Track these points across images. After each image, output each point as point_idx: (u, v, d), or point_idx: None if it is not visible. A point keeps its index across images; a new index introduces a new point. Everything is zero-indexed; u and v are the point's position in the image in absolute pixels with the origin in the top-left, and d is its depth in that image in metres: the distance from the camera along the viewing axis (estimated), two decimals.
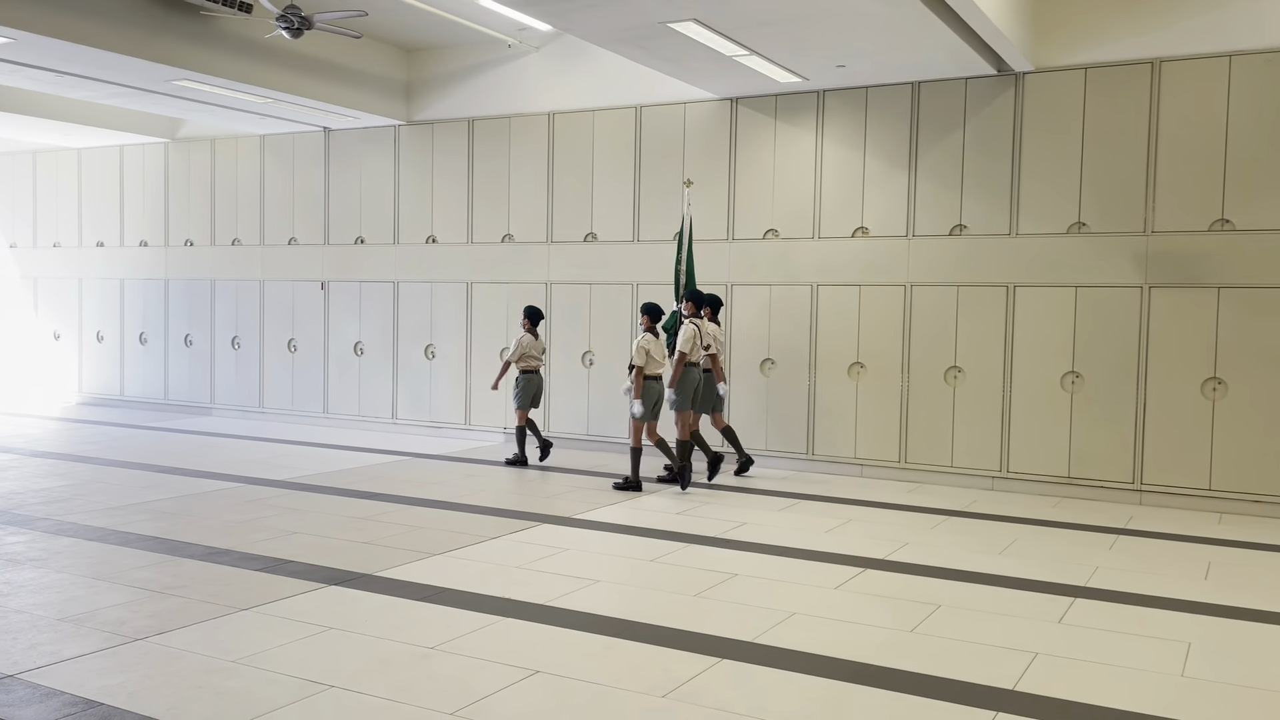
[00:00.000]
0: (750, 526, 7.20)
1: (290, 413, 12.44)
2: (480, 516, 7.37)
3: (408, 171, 11.59)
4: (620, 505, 7.85)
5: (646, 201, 10.15)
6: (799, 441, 9.51)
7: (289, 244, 12.42)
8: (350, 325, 12.05)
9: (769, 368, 9.63)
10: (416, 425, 11.56)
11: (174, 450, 10.28)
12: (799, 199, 9.48)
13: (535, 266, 10.79)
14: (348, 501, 7.86)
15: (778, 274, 9.57)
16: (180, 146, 13.22)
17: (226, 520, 7.11)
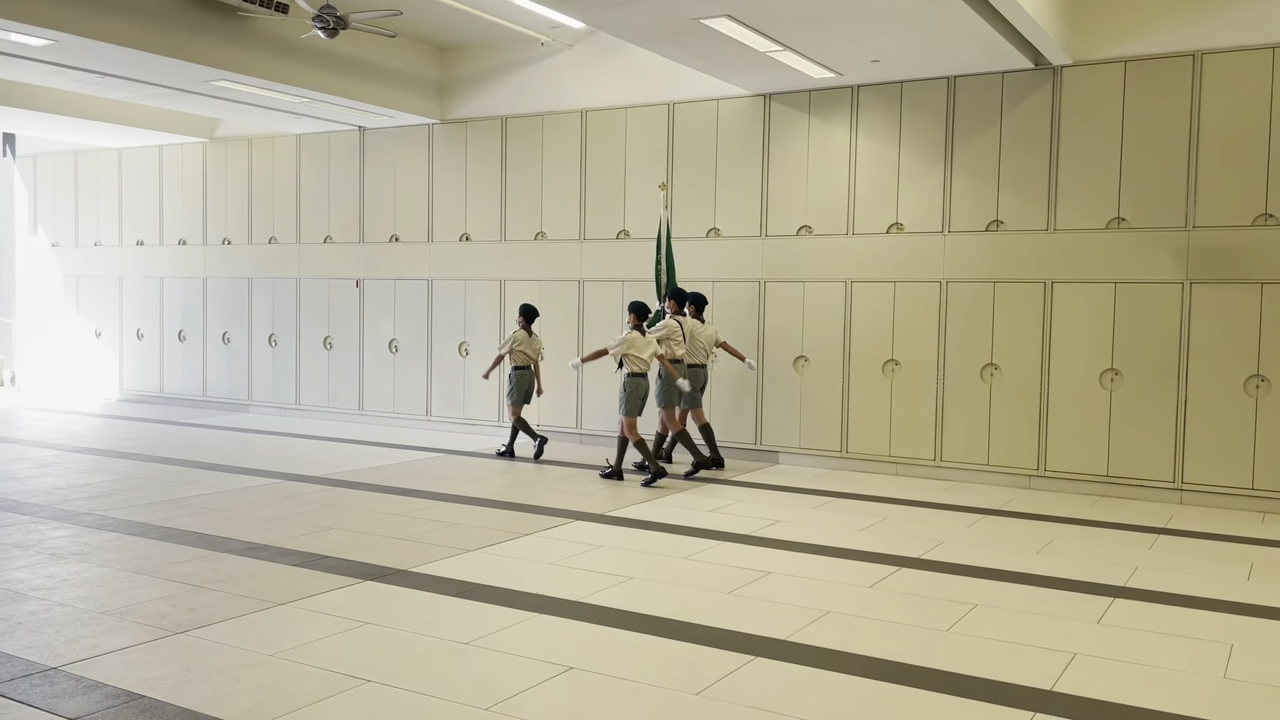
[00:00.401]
0: (784, 524, 7.18)
1: (326, 410, 12.57)
2: (514, 513, 7.42)
3: (441, 170, 11.66)
4: (653, 502, 7.87)
5: (679, 199, 10.15)
6: (833, 439, 9.47)
7: (325, 242, 12.54)
8: (385, 323, 12.15)
9: (802, 365, 9.59)
10: (450, 422, 11.64)
11: (212, 446, 10.43)
12: (833, 195, 9.44)
13: (568, 264, 10.82)
14: (383, 498, 7.93)
15: (811, 271, 9.53)
16: (218, 146, 13.39)
17: (264, 516, 7.20)
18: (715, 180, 9.96)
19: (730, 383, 9.95)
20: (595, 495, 8.13)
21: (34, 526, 6.78)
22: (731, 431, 9.93)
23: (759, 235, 9.77)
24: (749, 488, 8.56)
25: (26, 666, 4.24)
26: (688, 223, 10.11)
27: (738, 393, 9.91)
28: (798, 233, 9.60)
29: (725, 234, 9.93)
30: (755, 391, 9.80)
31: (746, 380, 9.83)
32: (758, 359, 9.74)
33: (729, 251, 9.91)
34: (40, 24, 7.82)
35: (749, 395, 9.84)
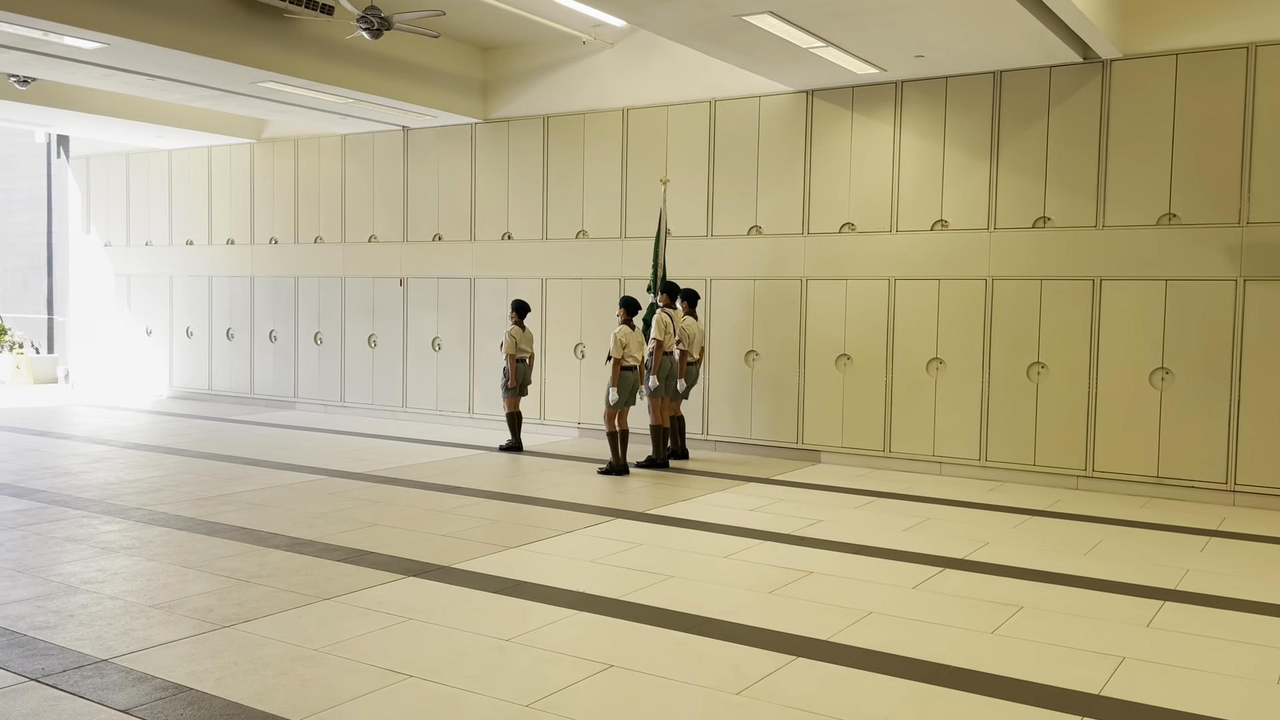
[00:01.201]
0: (826, 524, 7.13)
1: (370, 407, 12.70)
2: (554, 511, 7.44)
3: (484, 169, 11.73)
4: (693, 501, 7.86)
5: (721, 196, 10.12)
6: (875, 439, 9.40)
7: (369, 241, 12.67)
8: (428, 321, 12.25)
9: (844, 364, 9.53)
10: (492, 420, 11.71)
11: (259, 443, 10.58)
12: (876, 192, 9.36)
13: (609, 262, 10.83)
14: (426, 494, 7.99)
15: (854, 268, 9.46)
16: (265, 147, 13.58)
17: (309, 512, 7.29)
18: (757, 177, 9.92)
19: (772, 382, 9.91)
20: (635, 494, 8.13)
21: (86, 521, 6.92)
22: (773, 430, 9.89)
23: (801, 233, 9.71)
24: (790, 487, 8.52)
25: (78, 658, 4.33)
26: (729, 220, 10.08)
27: (780, 392, 9.87)
28: (840, 230, 9.53)
29: (767, 231, 9.89)
30: (797, 390, 9.75)
31: (788, 379, 9.79)
32: (799, 357, 9.70)
33: (771, 249, 9.87)
34: (93, 28, 7.98)
35: (791, 394, 9.79)
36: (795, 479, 8.86)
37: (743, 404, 10.06)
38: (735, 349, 10.10)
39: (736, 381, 10.10)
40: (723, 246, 10.11)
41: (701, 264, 10.25)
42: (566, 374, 11.19)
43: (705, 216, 10.23)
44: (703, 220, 10.24)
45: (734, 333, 10.11)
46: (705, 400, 10.27)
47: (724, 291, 10.15)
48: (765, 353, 9.91)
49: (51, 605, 5.05)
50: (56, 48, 8.55)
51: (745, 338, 10.05)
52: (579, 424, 11.12)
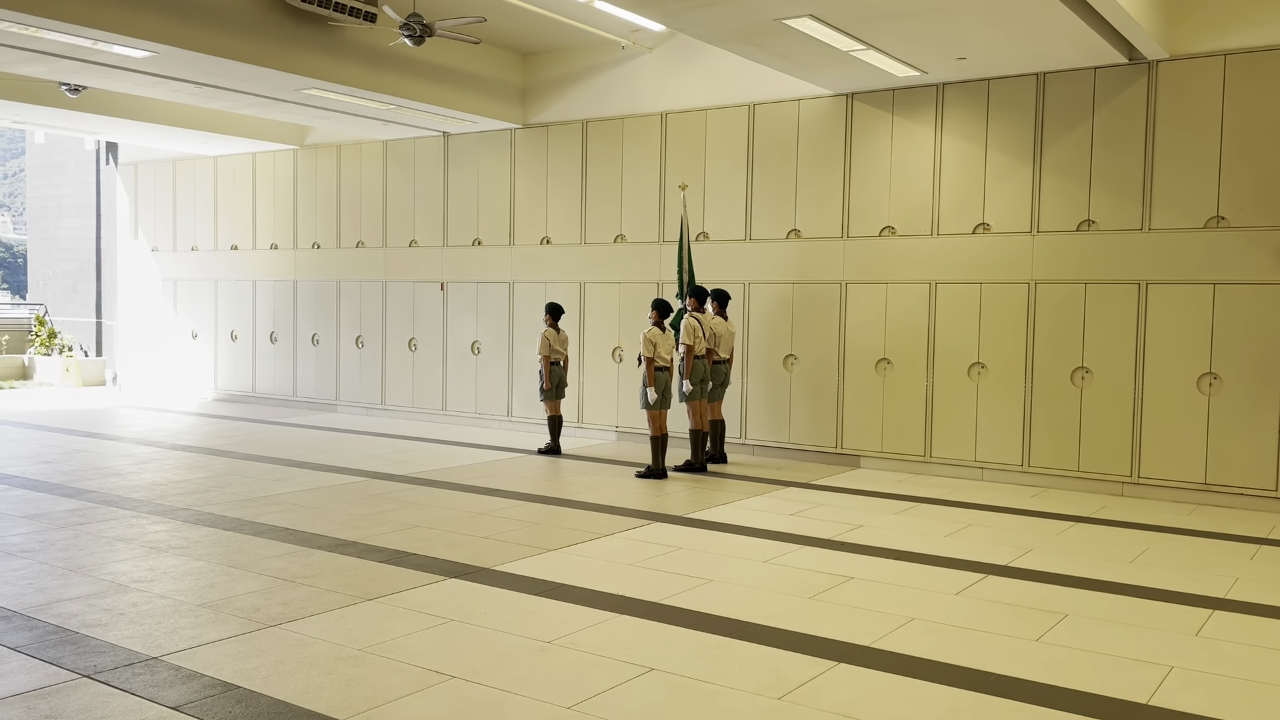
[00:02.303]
0: (866, 529, 7.09)
1: (411, 410, 12.81)
2: (594, 514, 7.46)
3: (523, 174, 11.80)
4: (731, 505, 7.84)
5: (760, 200, 10.11)
6: (916, 443, 9.32)
7: (409, 246, 12.78)
8: (468, 325, 12.34)
9: (884, 368, 9.47)
10: (530, 423, 11.76)
11: (302, 445, 10.70)
12: (917, 195, 9.30)
13: (646, 266, 10.85)
14: (466, 496, 8.05)
15: (894, 272, 9.40)
16: (308, 153, 13.75)
17: (352, 513, 7.37)
18: (796, 181, 9.89)
19: (811, 386, 9.87)
20: (674, 498, 8.13)
21: (135, 521, 7.04)
22: (812, 435, 9.85)
23: (840, 236, 9.67)
24: (830, 491, 8.48)
25: (129, 656, 4.40)
26: (768, 224, 10.06)
27: (819, 396, 9.82)
28: (880, 234, 9.47)
29: (806, 235, 9.85)
30: (836, 395, 9.70)
31: (827, 384, 9.75)
32: (838, 361, 9.67)
33: (810, 253, 9.83)
34: (143, 36, 8.13)
35: (830, 399, 9.75)
36: (834, 484, 8.82)
37: (781, 408, 10.03)
38: (774, 353, 10.08)
39: (775, 386, 10.07)
40: (761, 250, 10.09)
41: (740, 268, 10.23)
42: (604, 377, 11.22)
43: (744, 220, 10.21)
44: (741, 224, 10.23)
45: (772, 337, 10.08)
46: (743, 404, 10.25)
47: (762, 295, 10.13)
48: (804, 357, 9.87)
49: (103, 603, 5.14)
50: (107, 56, 8.72)
51: (784, 342, 10.02)
52: (616, 427, 11.14)
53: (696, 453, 9.28)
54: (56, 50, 8.54)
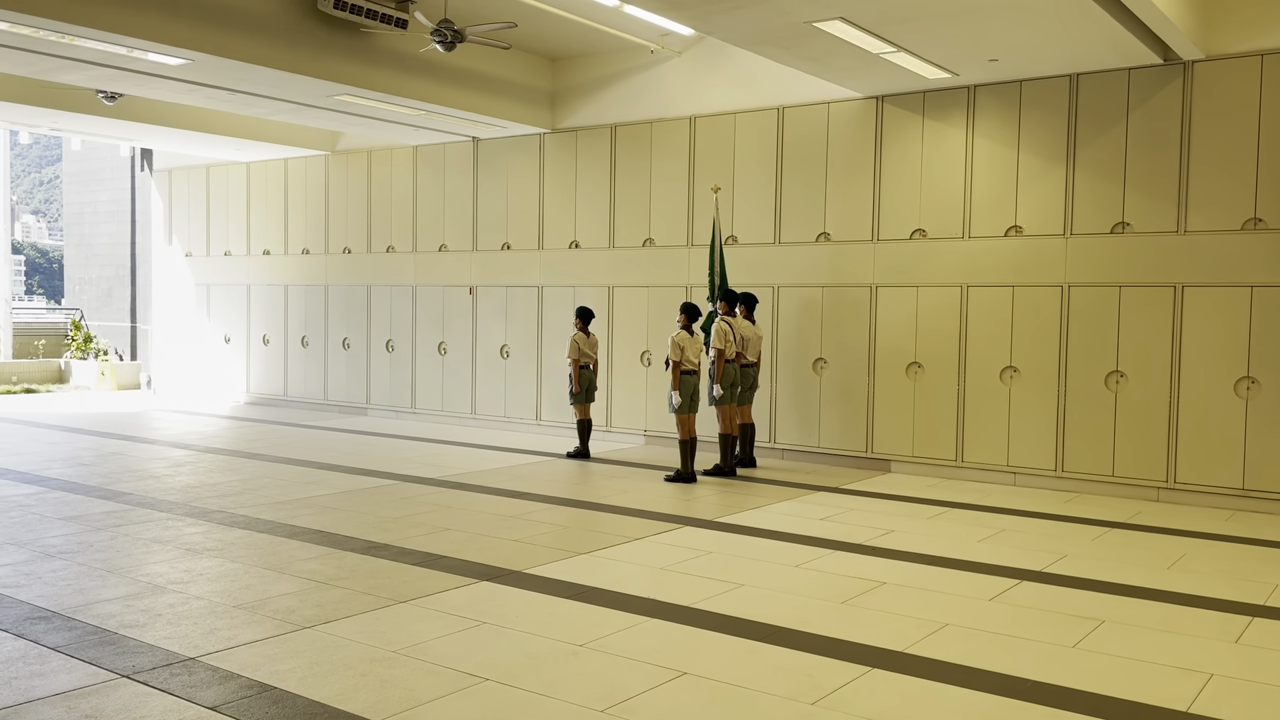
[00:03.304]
0: (898, 534, 7.05)
1: (440, 413, 12.88)
2: (624, 517, 7.47)
3: (552, 178, 11.84)
4: (762, 509, 7.83)
5: (789, 203, 10.08)
6: (947, 448, 9.26)
7: (439, 250, 12.86)
8: (497, 329, 12.39)
9: (915, 372, 9.42)
10: (559, 427, 11.79)
11: (334, 448, 10.79)
12: (948, 197, 9.24)
13: (675, 270, 10.85)
14: (496, 500, 8.08)
15: (925, 275, 9.35)
16: (339, 159, 13.87)
17: (384, 516, 7.42)
18: (825, 184, 9.87)
19: (841, 390, 9.83)
20: (704, 501, 8.13)
21: (171, 523, 7.12)
22: (842, 439, 9.81)
23: (871, 239, 9.63)
24: (861, 496, 8.45)
25: (166, 656, 4.45)
26: (797, 227, 10.04)
27: (848, 400, 9.79)
28: (911, 236, 9.43)
29: (836, 238, 9.82)
30: (866, 399, 9.66)
31: (857, 387, 9.71)
32: (868, 365, 9.63)
33: (839, 256, 9.80)
34: (178, 44, 8.24)
35: (860, 402, 9.71)
36: (865, 488, 8.79)
37: (811, 412, 10.00)
38: (803, 356, 10.05)
39: (804, 389, 10.05)
40: (790, 253, 10.07)
41: (769, 271, 10.22)
42: (632, 381, 11.23)
43: (773, 223, 10.20)
44: (770, 227, 10.21)
45: (802, 340, 10.06)
46: (773, 408, 10.23)
47: (792, 299, 10.10)
48: (834, 360, 9.84)
49: (140, 604, 5.21)
50: (143, 64, 8.84)
51: (813, 345, 9.99)
52: (645, 431, 11.15)
53: (725, 457, 9.27)
54: (94, 58, 8.67)
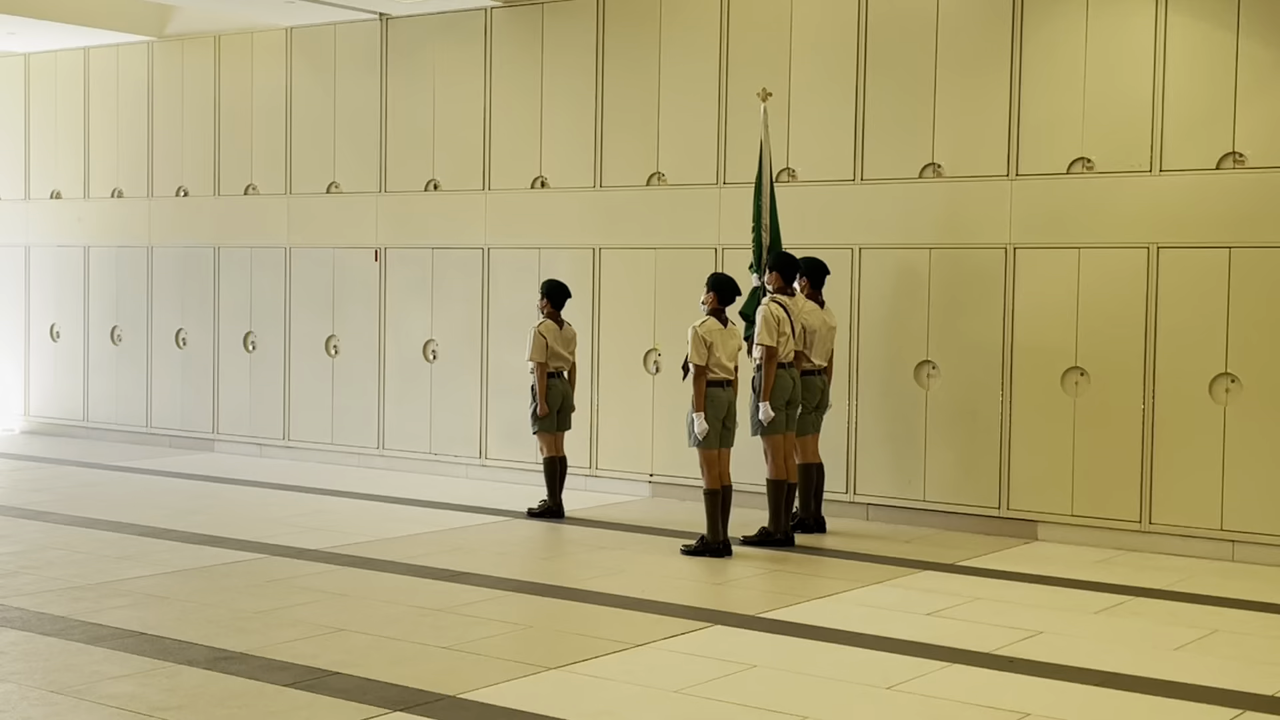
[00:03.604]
0: (1050, 637, 7.02)
1: (330, 448, 12.84)
2: (616, 612, 7.42)
3: (505, 79, 11.80)
4: (833, 599, 7.79)
5: (876, 120, 10.05)
6: (1126, 503, 9.23)
7: (327, 192, 12.83)
8: (418, 316, 12.35)
9: (1076, 382, 9.39)
10: (517, 468, 11.75)
11: (162, 504, 10.72)
12: (1127, 110, 9.23)
13: (699, 220, 10.83)
14: (418, 584, 8.02)
15: (1091, 230, 9.33)
16: (170, 48, 13.84)
17: (240, 609, 7.35)
18: (934, 94, 9.84)
19: (958, 411, 9.81)
20: (741, 585, 8.08)
21: None
22: (960, 488, 9.79)
23: (1005, 174, 9.60)
24: (990, 577, 8.42)
25: None
26: (889, 157, 10.02)
27: (971, 427, 9.77)
28: (1069, 170, 9.40)
29: (950, 173, 9.80)
30: (999, 425, 9.63)
31: (985, 407, 9.68)
32: (1002, 372, 9.58)
33: (955, 200, 9.78)
34: None
35: (988, 431, 9.68)
36: (997, 565, 8.76)
37: (911, 446, 9.98)
38: (898, 359, 10.03)
39: (901, 411, 10.03)
40: (879, 197, 10.05)
41: (845, 225, 10.20)
42: (632, 399, 11.20)
43: (851, 152, 10.17)
44: (846, 157, 10.18)
45: (896, 333, 10.05)
46: (850, 440, 10.20)
47: (880, 268, 10.09)
48: (947, 365, 9.82)
49: None
50: None
51: (915, 341, 9.97)
52: (650, 476, 11.11)
53: (778, 516, 9.23)
54: None
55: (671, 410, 10.86)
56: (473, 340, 12.05)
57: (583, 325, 11.26)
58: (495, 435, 11.94)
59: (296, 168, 13.04)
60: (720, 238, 10.74)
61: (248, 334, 13.40)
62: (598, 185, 11.35)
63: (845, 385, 10.17)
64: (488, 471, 11.95)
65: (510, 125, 11.80)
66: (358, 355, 12.72)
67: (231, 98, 13.46)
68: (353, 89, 12.69)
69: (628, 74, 11.17)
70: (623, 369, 11.24)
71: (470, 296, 12.06)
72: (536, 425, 10.24)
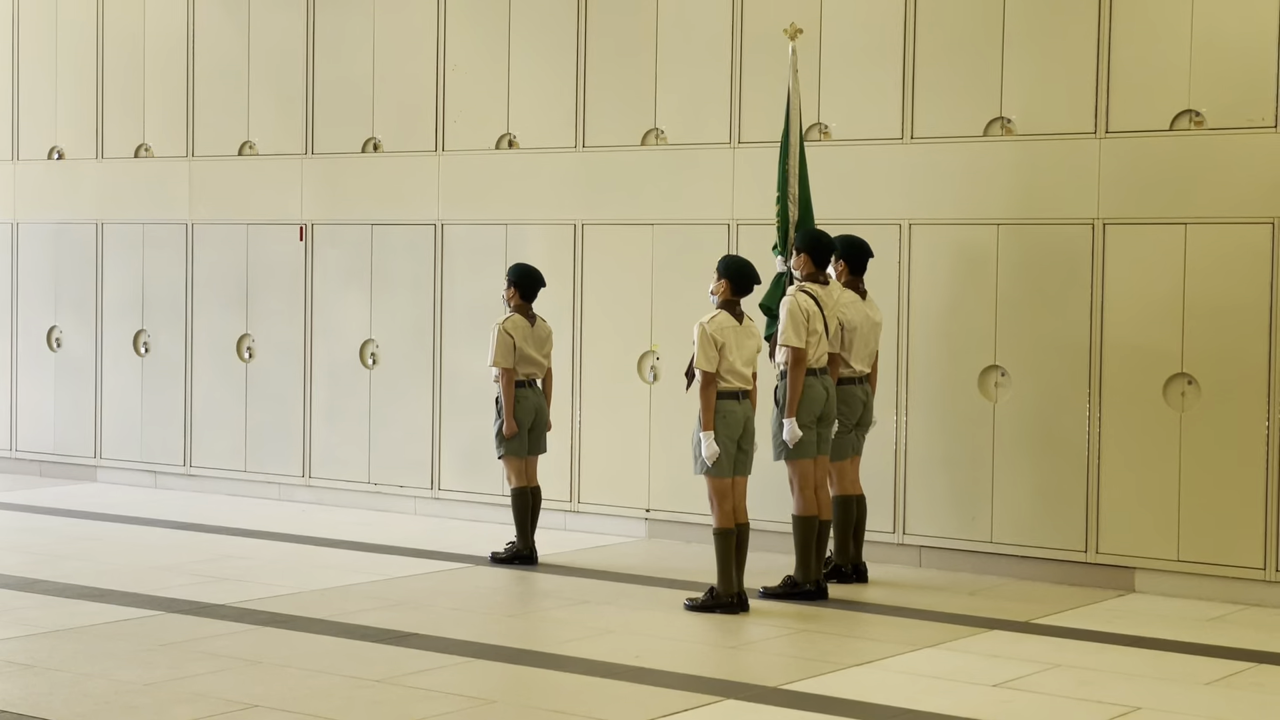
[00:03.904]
0: (1150, 714, 7.01)
1: (242, 477, 12.83)
2: (604, 683, 7.40)
3: (463, 12, 11.81)
4: (880, 665, 7.78)
5: (929, 64, 10.07)
6: (1245, 545, 9.22)
7: (239, 155, 12.83)
8: (354, 309, 12.35)
9: (1183, 392, 9.38)
10: (478, 501, 11.75)
11: (29, 547, 10.74)
12: (1245, 54, 9.25)
13: (708, 189, 10.84)
14: (353, 648, 8.00)
15: (1200, 200, 9.35)
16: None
17: (126, 681, 7.30)
18: (1002, 30, 9.84)
19: (1033, 430, 9.83)
20: (762, 651, 8.08)
21: None
22: (1037, 528, 9.79)
23: (1092, 132, 9.60)
24: (1075, 638, 8.41)
25: None
26: (945, 109, 10.04)
27: (1048, 450, 9.78)
28: (1172, 126, 9.41)
29: (1023, 130, 9.80)
30: (1084, 447, 9.63)
31: (1065, 425, 9.69)
32: (1088, 380, 9.57)
33: (1031, 164, 9.80)
34: None
35: (1071, 455, 9.68)
36: (1083, 623, 8.75)
37: (974, 474, 9.98)
38: (959, 364, 10.05)
39: (962, 429, 10.05)
40: (933, 160, 10.06)
41: (891, 194, 10.23)
42: (624, 414, 11.21)
43: (899, 104, 10.18)
44: (894, 109, 10.20)
45: (957, 331, 10.07)
46: (897, 465, 10.21)
47: (934, 247, 10.12)
48: (1020, 372, 9.82)
49: None
50: None
51: (979, 341, 9.98)
52: (647, 512, 11.12)
53: (806, 562, 9.22)
54: None
55: (673, 429, 10.85)
56: (422, 341, 12.03)
57: (561, 321, 11.26)
58: (451, 461, 11.92)
59: (200, 124, 13.02)
60: (735, 211, 10.73)
61: (139, 333, 13.38)
62: (580, 145, 11.34)
63: (891, 397, 10.18)
64: (441, 506, 11.95)
65: (470, 69, 11.79)
66: (278, 360, 12.71)
67: (118, 36, 13.45)
68: (270, 25, 12.69)
69: (618, 3, 11.16)
70: (611, 376, 11.24)
71: (419, 286, 12.04)
72: (502, 448, 10.23)
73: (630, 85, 11.12)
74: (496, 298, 11.39)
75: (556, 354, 10.84)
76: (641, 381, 11.11)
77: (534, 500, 10.32)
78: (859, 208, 10.23)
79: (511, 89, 11.60)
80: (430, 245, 11.98)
